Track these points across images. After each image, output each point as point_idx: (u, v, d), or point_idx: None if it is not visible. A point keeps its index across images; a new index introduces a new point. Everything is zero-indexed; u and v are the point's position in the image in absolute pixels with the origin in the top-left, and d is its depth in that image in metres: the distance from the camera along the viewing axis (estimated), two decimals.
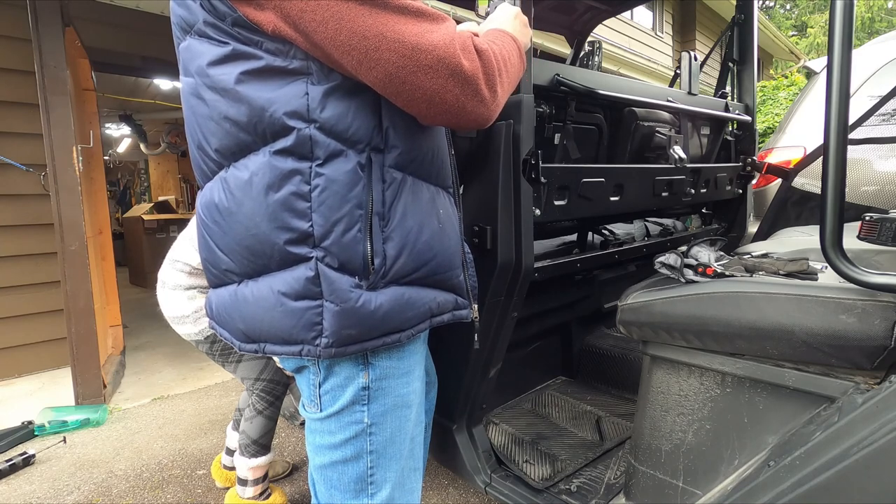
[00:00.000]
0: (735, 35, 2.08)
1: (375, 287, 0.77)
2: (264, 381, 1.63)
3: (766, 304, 0.94)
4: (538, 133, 1.25)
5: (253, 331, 0.81)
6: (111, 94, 5.65)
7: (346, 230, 0.74)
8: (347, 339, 0.77)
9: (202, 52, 0.75)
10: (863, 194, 2.20)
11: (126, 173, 11.34)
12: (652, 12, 9.06)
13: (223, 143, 0.76)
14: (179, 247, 1.55)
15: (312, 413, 0.87)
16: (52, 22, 2.44)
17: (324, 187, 0.72)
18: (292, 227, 0.73)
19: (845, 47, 0.79)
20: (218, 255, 0.82)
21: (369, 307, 0.76)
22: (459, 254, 0.90)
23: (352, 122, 0.73)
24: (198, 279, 1.53)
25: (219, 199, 0.79)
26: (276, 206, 0.73)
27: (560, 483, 1.42)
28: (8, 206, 2.94)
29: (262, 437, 1.66)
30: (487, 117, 0.74)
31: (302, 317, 0.76)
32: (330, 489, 0.88)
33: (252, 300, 0.79)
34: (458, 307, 0.90)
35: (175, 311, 1.53)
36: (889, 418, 0.72)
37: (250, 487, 1.68)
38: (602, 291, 1.98)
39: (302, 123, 0.71)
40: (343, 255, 0.74)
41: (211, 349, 1.57)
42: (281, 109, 0.71)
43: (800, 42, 17.74)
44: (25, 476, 2.03)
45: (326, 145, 0.72)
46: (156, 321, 4.43)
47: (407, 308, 0.80)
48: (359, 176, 0.74)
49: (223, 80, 0.73)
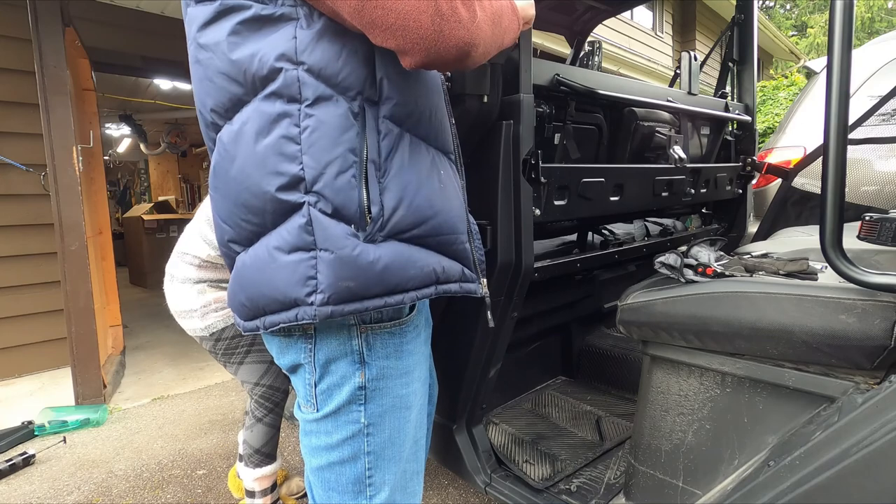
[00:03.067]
0: (735, 35, 2.08)
1: (374, 240, 0.74)
2: (263, 387, 1.59)
3: (766, 304, 0.94)
4: (538, 133, 1.25)
5: (252, 300, 0.78)
6: (111, 94, 5.65)
7: (339, 173, 0.72)
8: (345, 293, 0.72)
9: (196, 16, 0.75)
10: (863, 194, 2.20)
11: (126, 173, 11.34)
12: (652, 12, 9.06)
13: (218, 100, 0.76)
14: (187, 239, 1.52)
15: (308, 414, 0.85)
16: (52, 22, 2.44)
17: (314, 128, 0.71)
18: (282, 171, 0.71)
19: (845, 47, 0.79)
20: (221, 227, 0.81)
21: (367, 257, 0.73)
22: (463, 220, 0.86)
23: (342, 67, 0.71)
24: (207, 272, 1.51)
25: (215, 162, 0.78)
26: (266, 152, 0.72)
27: (560, 483, 1.42)
28: (8, 206, 2.94)
29: (265, 446, 1.61)
30: (467, 40, 0.68)
31: (295, 270, 0.72)
32: (327, 491, 0.86)
33: (250, 264, 0.77)
34: (465, 279, 0.85)
35: (183, 305, 1.51)
36: (889, 418, 0.72)
37: (259, 499, 1.63)
38: (602, 291, 1.98)
39: (290, 65, 0.70)
40: (336, 200, 0.72)
41: (214, 347, 1.55)
42: (270, 53, 0.70)
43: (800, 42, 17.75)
44: (25, 476, 2.03)
45: (315, 87, 0.71)
46: (156, 321, 4.44)
47: (409, 265, 0.76)
48: (350, 122, 0.72)
49: (215, 37, 0.73)
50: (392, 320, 0.84)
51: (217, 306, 1.51)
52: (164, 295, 1.56)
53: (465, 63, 0.71)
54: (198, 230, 1.50)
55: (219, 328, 1.51)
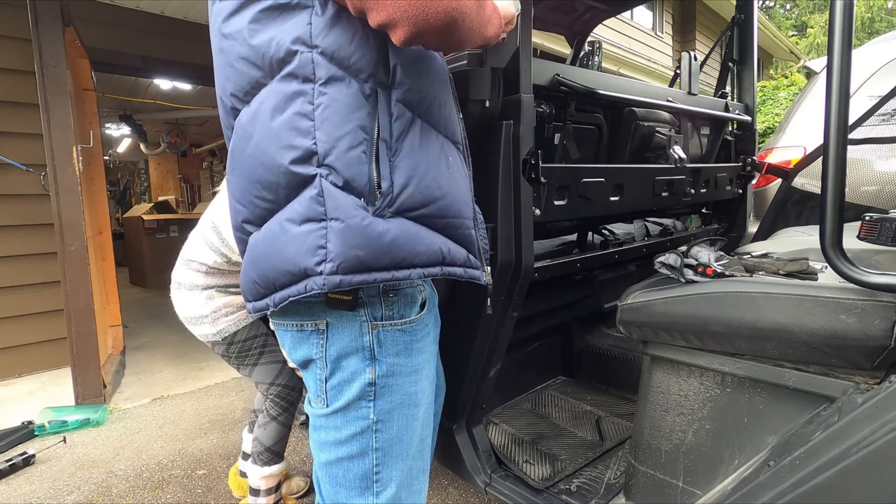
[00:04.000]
0: (735, 35, 2.08)
1: (382, 215, 0.77)
2: (279, 387, 1.60)
3: (766, 304, 0.94)
4: (538, 133, 1.25)
5: (263, 276, 0.80)
6: (111, 94, 5.65)
7: (350, 147, 0.75)
8: (354, 261, 0.74)
9: (221, 9, 0.80)
10: (863, 194, 2.20)
11: (126, 173, 11.34)
12: (652, 12, 9.06)
13: (238, 84, 0.80)
14: (192, 246, 1.52)
15: (318, 409, 0.86)
16: (52, 22, 2.44)
17: (326, 105, 0.75)
18: (296, 145, 0.75)
19: (845, 47, 0.79)
20: (236, 209, 0.84)
21: (377, 228, 0.76)
22: (469, 206, 0.89)
23: (353, 51, 0.75)
24: (215, 278, 1.51)
25: (233, 144, 0.83)
26: (281, 127, 0.75)
27: (560, 483, 1.42)
28: (8, 206, 2.94)
29: (276, 445, 1.63)
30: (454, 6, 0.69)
31: (305, 240, 0.75)
32: (335, 486, 0.87)
33: (262, 240, 0.80)
34: (470, 264, 0.88)
35: (192, 312, 1.51)
36: (889, 418, 0.72)
37: (262, 498, 1.64)
38: (602, 291, 1.98)
39: (304, 48, 0.75)
40: (347, 172, 0.75)
41: (227, 351, 1.55)
42: (287, 36, 0.75)
43: (800, 42, 17.74)
44: (25, 476, 2.03)
45: (328, 68, 0.75)
46: (156, 321, 4.44)
47: (416, 241, 0.79)
48: (362, 101, 0.76)
49: (238, 26, 0.78)
50: (403, 318, 0.85)
51: (227, 311, 1.51)
52: (165, 295, 1.56)
53: (452, 35, 0.72)
54: (203, 237, 1.50)
55: (231, 332, 1.52)
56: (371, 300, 0.82)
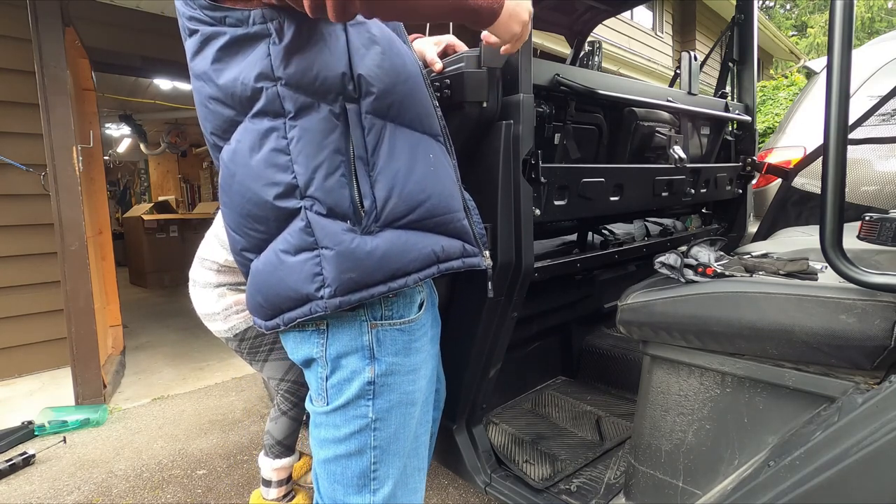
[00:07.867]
0: (735, 35, 2.08)
1: (370, 231, 0.78)
2: (289, 382, 1.64)
3: (766, 304, 0.94)
4: (538, 133, 1.25)
5: (268, 300, 0.83)
6: (111, 94, 5.65)
7: (328, 175, 0.76)
8: (349, 284, 0.77)
9: (188, 48, 0.81)
10: (863, 194, 2.19)
11: (126, 173, 11.34)
12: (652, 12, 9.06)
13: (214, 123, 0.81)
14: (206, 245, 1.56)
15: (319, 407, 0.88)
16: (52, 22, 2.44)
17: (299, 137, 0.75)
18: (277, 181, 0.76)
19: (845, 47, 0.78)
20: (233, 237, 0.86)
21: (365, 248, 0.78)
22: (458, 198, 0.89)
23: (317, 73, 0.75)
24: (226, 276, 1.54)
25: (221, 179, 0.84)
26: (260, 165, 0.77)
27: (560, 483, 1.42)
28: (8, 206, 2.94)
29: (287, 438, 1.68)
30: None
31: (303, 269, 0.78)
32: (333, 483, 0.88)
33: (262, 269, 0.83)
34: (467, 254, 0.89)
35: (206, 309, 1.55)
36: (889, 418, 0.72)
37: (274, 489, 1.69)
38: (602, 291, 1.98)
39: (269, 83, 0.75)
40: (329, 200, 0.76)
41: (239, 346, 1.59)
42: (250, 74, 0.75)
43: (800, 42, 17.75)
44: (25, 476, 2.03)
45: (295, 99, 0.75)
46: (156, 321, 4.44)
47: (407, 250, 0.80)
48: (333, 123, 0.76)
49: (202, 66, 0.78)
50: (402, 318, 0.86)
51: (238, 308, 1.54)
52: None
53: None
54: (215, 235, 1.53)
55: (241, 329, 1.55)
56: (371, 301, 0.83)
